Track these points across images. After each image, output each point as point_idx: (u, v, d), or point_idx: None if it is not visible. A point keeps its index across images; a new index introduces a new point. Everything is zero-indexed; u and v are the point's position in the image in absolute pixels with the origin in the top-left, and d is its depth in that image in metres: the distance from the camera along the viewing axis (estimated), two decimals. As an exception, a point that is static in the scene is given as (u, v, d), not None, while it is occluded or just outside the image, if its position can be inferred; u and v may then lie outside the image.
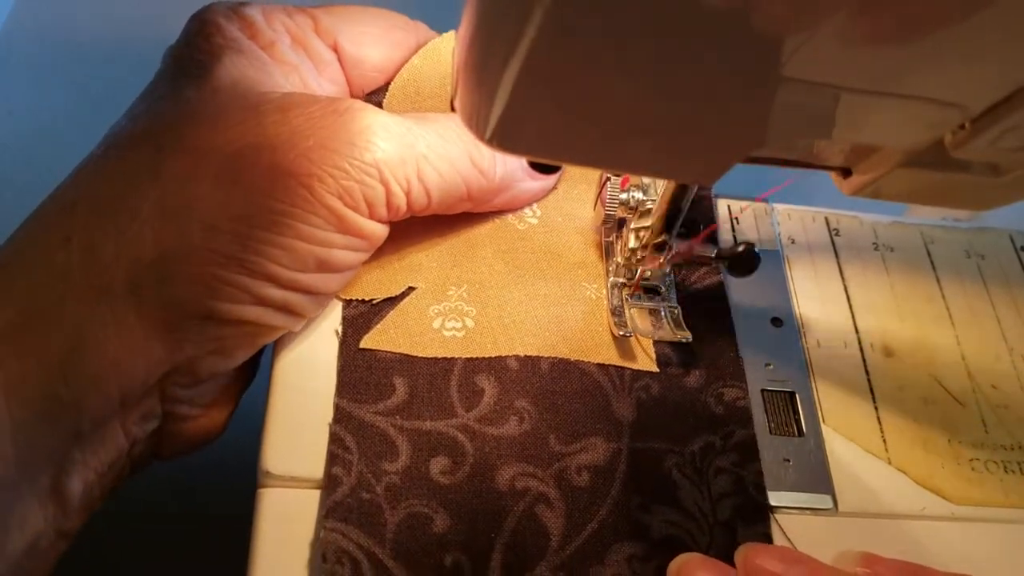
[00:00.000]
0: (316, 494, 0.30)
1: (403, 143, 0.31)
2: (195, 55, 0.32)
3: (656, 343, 0.35)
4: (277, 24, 0.34)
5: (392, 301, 0.34)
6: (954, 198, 0.27)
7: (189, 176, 0.29)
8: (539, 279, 0.36)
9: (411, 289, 0.35)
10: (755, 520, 0.32)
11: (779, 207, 0.42)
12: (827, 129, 0.22)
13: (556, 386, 0.33)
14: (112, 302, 0.28)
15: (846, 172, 0.27)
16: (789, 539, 0.32)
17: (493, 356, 0.34)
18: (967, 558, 0.32)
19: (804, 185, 0.31)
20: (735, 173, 0.24)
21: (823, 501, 0.33)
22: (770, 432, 0.34)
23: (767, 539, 0.32)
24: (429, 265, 0.36)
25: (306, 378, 0.33)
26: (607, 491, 0.31)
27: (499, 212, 0.37)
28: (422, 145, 0.32)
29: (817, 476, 0.33)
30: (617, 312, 0.35)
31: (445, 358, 0.33)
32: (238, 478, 0.33)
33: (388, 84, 0.37)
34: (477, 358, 0.34)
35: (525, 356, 0.34)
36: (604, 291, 0.36)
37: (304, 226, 0.29)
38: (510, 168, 0.35)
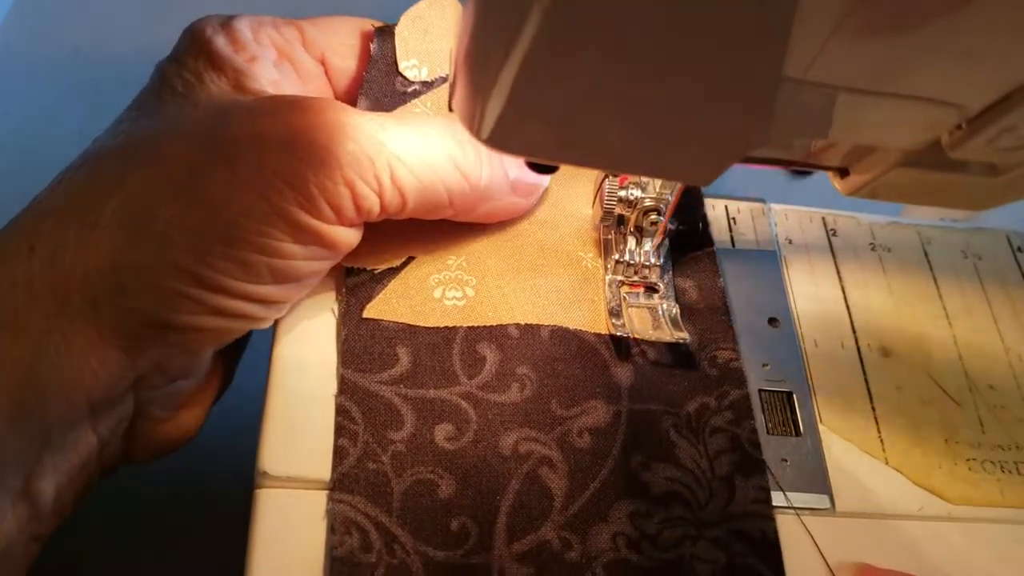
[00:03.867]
0: (314, 495, 0.30)
1: (372, 142, 0.30)
2: (182, 72, 0.32)
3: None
4: (264, 38, 0.34)
5: (393, 271, 0.35)
6: (951, 198, 0.27)
7: (150, 186, 0.29)
8: (537, 251, 0.37)
9: (411, 259, 0.35)
10: (753, 473, 0.32)
11: (776, 207, 0.42)
12: (825, 129, 0.22)
13: (556, 352, 0.34)
14: (70, 312, 0.28)
15: (843, 172, 0.27)
16: (813, 537, 0.32)
17: (494, 324, 0.34)
18: (964, 558, 0.32)
19: (801, 185, 0.31)
20: (732, 173, 0.24)
21: (821, 501, 0.33)
22: (767, 432, 0.34)
23: (765, 492, 0.32)
24: (429, 235, 0.36)
25: (304, 379, 0.32)
26: (608, 451, 0.32)
27: None
28: (395, 145, 0.31)
29: (815, 476, 0.33)
30: (615, 312, 0.35)
31: (447, 327, 0.34)
32: (235, 479, 0.33)
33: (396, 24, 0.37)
34: (478, 327, 0.34)
35: (525, 324, 0.34)
36: (600, 261, 0.37)
37: (262, 239, 0.29)
38: (496, 177, 0.34)
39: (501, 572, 0.29)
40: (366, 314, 0.34)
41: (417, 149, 0.31)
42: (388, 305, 0.34)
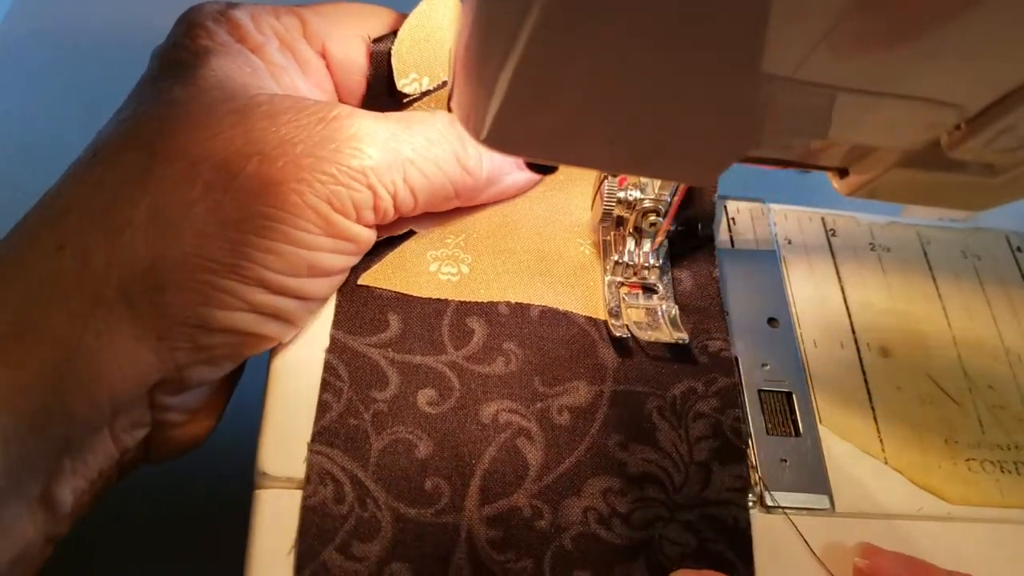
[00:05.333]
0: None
1: (389, 148, 0.31)
2: (181, 56, 0.32)
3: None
4: (265, 27, 0.34)
5: (392, 243, 0.36)
6: (950, 198, 0.27)
7: (180, 183, 0.29)
8: (534, 234, 0.37)
9: (411, 233, 0.36)
10: (731, 461, 0.33)
11: (776, 207, 0.42)
12: (824, 129, 0.22)
13: (544, 332, 0.35)
14: (104, 311, 0.28)
15: (843, 172, 0.27)
16: (803, 536, 0.32)
17: (485, 301, 0.35)
18: (964, 558, 0.32)
19: (801, 185, 0.31)
20: (732, 173, 0.24)
21: (820, 501, 0.33)
22: (767, 432, 0.34)
23: (743, 481, 0.32)
24: (432, 214, 0.36)
25: (303, 381, 0.32)
26: (587, 430, 0.33)
27: None
28: (408, 150, 0.32)
29: (814, 476, 0.33)
30: (614, 312, 0.35)
31: (439, 299, 0.35)
32: (235, 480, 0.33)
33: (397, 31, 0.37)
34: (469, 302, 0.35)
35: (516, 303, 0.35)
36: (598, 253, 0.37)
37: (294, 231, 0.29)
38: (496, 164, 0.35)
39: (470, 532, 0.30)
40: (361, 281, 0.35)
41: (425, 151, 0.32)
42: (383, 274, 0.35)
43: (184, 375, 0.30)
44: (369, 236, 0.33)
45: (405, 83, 0.36)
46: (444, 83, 0.36)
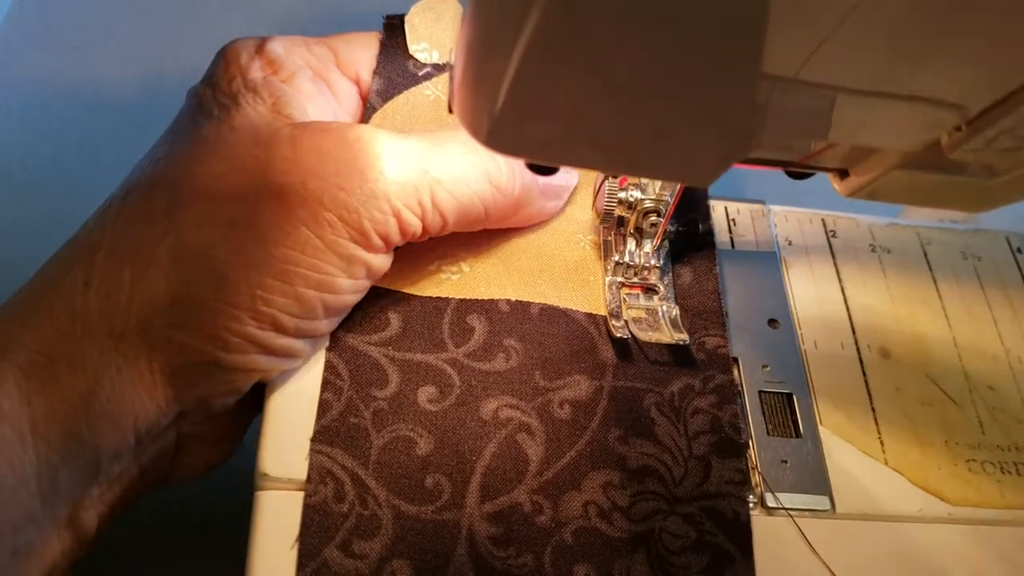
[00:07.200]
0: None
1: (415, 168, 0.31)
2: (217, 97, 0.32)
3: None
4: (297, 58, 0.34)
5: None
6: (950, 199, 0.27)
7: (202, 223, 0.29)
8: (535, 233, 0.38)
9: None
10: (730, 455, 0.33)
11: (776, 209, 0.42)
12: (824, 130, 0.22)
13: (544, 328, 0.35)
14: (125, 347, 0.28)
15: (843, 173, 0.27)
16: (807, 539, 0.32)
17: (485, 299, 0.35)
18: (964, 559, 0.32)
19: (801, 186, 0.31)
20: (732, 174, 0.24)
21: (820, 502, 0.33)
22: (767, 433, 0.34)
23: (742, 475, 0.32)
24: None
25: (302, 380, 0.33)
26: (587, 424, 0.33)
27: None
28: (436, 170, 0.31)
29: (814, 477, 0.33)
30: (615, 314, 0.35)
31: (439, 298, 0.35)
32: (235, 480, 0.33)
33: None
34: (470, 299, 0.35)
35: (516, 300, 0.35)
36: (598, 250, 0.38)
37: (317, 275, 0.29)
38: (527, 185, 0.35)
39: (470, 530, 0.30)
40: None
41: (455, 170, 0.32)
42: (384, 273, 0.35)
43: (208, 404, 0.30)
44: (388, 263, 0.32)
45: (417, 49, 0.37)
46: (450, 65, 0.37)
